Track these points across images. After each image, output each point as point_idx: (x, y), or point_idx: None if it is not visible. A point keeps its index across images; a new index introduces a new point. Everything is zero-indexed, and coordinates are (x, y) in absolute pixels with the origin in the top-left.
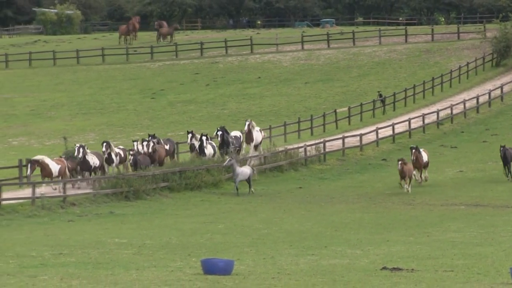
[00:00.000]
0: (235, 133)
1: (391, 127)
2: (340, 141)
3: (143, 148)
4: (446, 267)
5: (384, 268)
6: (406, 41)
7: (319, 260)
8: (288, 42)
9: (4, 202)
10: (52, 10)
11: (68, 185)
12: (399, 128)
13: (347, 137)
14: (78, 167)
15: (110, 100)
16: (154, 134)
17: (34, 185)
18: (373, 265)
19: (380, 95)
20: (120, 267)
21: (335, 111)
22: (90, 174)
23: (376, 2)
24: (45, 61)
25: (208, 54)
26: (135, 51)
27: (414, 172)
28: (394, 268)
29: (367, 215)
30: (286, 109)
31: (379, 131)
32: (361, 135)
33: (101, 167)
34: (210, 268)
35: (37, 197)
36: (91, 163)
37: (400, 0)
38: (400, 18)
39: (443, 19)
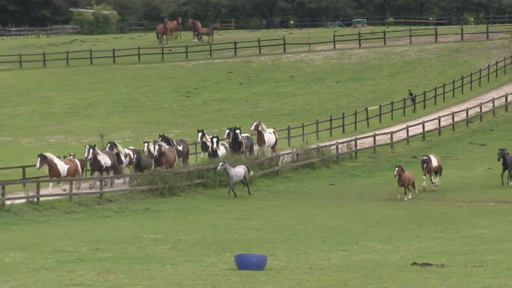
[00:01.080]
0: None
1: (421, 125)
2: (371, 138)
3: (154, 149)
4: (475, 263)
5: (414, 263)
6: (436, 40)
7: (350, 255)
8: (320, 41)
9: (42, 199)
10: (89, 10)
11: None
12: (429, 126)
13: (378, 135)
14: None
15: (145, 98)
16: (163, 134)
17: (72, 181)
18: (404, 261)
19: (411, 94)
20: (156, 262)
21: (366, 109)
22: (101, 174)
23: (406, 3)
24: (82, 60)
25: (242, 54)
26: (170, 50)
27: (423, 177)
28: (424, 264)
29: (397, 212)
30: (318, 108)
31: (410, 129)
32: (391, 133)
33: (114, 167)
34: (244, 263)
35: (75, 194)
36: (102, 163)
37: (430, 0)
38: (430, 18)
39: (472, 19)
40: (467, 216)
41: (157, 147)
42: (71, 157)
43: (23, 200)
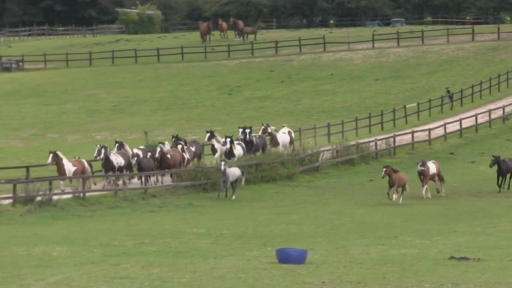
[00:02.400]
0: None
1: (458, 122)
2: (410, 135)
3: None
4: (511, 257)
5: (452, 257)
6: (473, 39)
7: (389, 249)
8: (360, 40)
9: (88, 194)
10: (133, 10)
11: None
12: (466, 123)
13: (416, 131)
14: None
15: (189, 96)
16: (177, 135)
17: (116, 177)
18: (441, 255)
19: (448, 91)
20: (199, 256)
21: (404, 106)
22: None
23: (444, 2)
24: (127, 59)
25: (283, 52)
26: (213, 49)
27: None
28: (461, 258)
29: (435, 207)
30: (357, 105)
31: (447, 126)
32: (429, 130)
33: (128, 166)
34: (285, 257)
35: (120, 189)
36: (115, 162)
37: (467, 0)
38: (467, 18)
39: (508, 18)
40: (503, 212)
41: (158, 149)
42: (78, 158)
43: (70, 195)
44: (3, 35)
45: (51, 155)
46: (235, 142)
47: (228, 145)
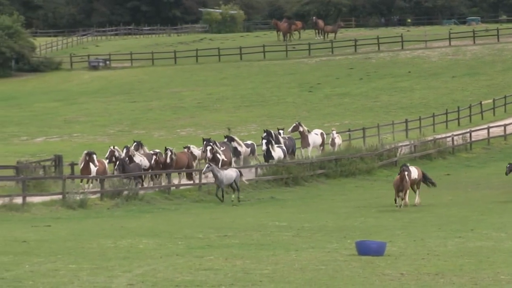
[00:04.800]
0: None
1: None
2: (485, 131)
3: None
4: None
5: None
6: None
7: (465, 242)
8: (436, 38)
9: (173, 188)
10: (217, 10)
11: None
12: None
13: (492, 127)
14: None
15: (270, 93)
16: (209, 139)
17: (200, 172)
18: None
19: None
20: (281, 248)
21: (480, 103)
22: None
23: None
24: (211, 57)
25: (362, 50)
26: (293, 48)
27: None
28: None
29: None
30: (434, 101)
31: None
32: (505, 125)
33: (152, 167)
34: (364, 249)
35: (204, 184)
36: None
37: None
38: None
39: None
40: None
41: (169, 153)
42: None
43: (156, 190)
44: (91, 35)
45: (87, 156)
46: (276, 144)
47: (264, 147)
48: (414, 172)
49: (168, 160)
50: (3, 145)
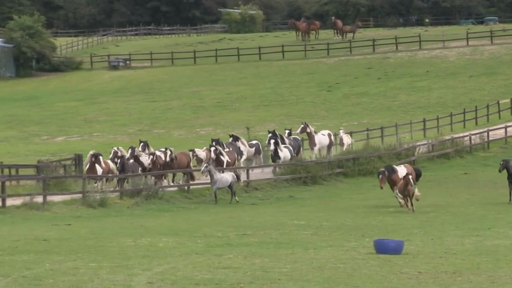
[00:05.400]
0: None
1: None
2: (503, 130)
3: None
4: None
5: None
6: None
7: (483, 240)
8: (454, 38)
9: (192, 187)
10: (236, 11)
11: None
12: None
13: (509, 126)
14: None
15: (289, 93)
16: (218, 139)
17: (221, 171)
18: None
19: None
20: (299, 246)
21: (498, 102)
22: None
23: None
24: (230, 57)
25: (380, 50)
26: (312, 47)
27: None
28: None
29: None
30: (452, 101)
31: None
32: None
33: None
34: (382, 248)
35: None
36: (145, 164)
37: None
38: None
39: None
40: None
41: (168, 152)
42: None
43: (175, 189)
44: (111, 35)
45: (92, 158)
46: (282, 145)
47: (272, 147)
48: (402, 172)
49: (168, 159)
50: (24, 144)
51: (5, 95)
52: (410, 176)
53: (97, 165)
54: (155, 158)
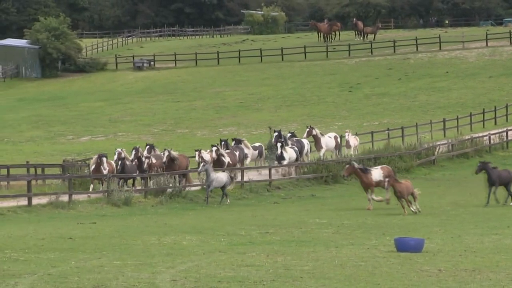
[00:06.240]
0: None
1: None
2: None
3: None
4: None
5: None
6: None
7: (502, 239)
8: (474, 39)
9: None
10: (258, 12)
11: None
12: None
13: None
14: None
15: (311, 93)
16: (226, 140)
17: (242, 170)
18: None
19: None
20: (321, 244)
21: None
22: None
23: None
24: (253, 58)
25: (400, 51)
26: (334, 48)
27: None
28: None
29: None
30: (471, 101)
31: None
32: None
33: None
34: (403, 246)
35: (246, 182)
36: (145, 166)
37: None
38: None
39: None
40: None
41: (166, 153)
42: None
43: (199, 188)
44: (136, 36)
45: (98, 159)
46: (287, 146)
47: (279, 150)
48: (377, 174)
49: (165, 159)
50: (50, 144)
51: (31, 96)
52: (387, 179)
53: (101, 167)
54: (151, 161)
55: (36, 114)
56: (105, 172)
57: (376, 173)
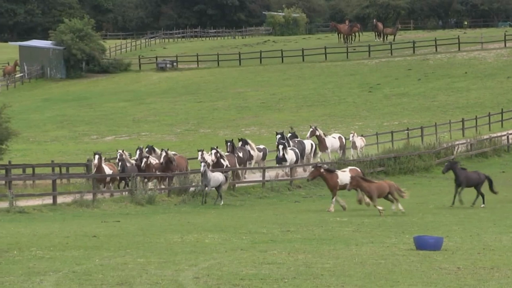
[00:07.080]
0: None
1: None
2: None
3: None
4: None
5: None
6: None
7: None
8: (492, 40)
9: (238, 185)
10: (280, 13)
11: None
12: None
13: None
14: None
15: (331, 93)
16: (231, 140)
17: (264, 169)
18: None
19: None
20: (341, 243)
21: None
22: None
23: None
24: (274, 59)
25: (420, 52)
26: (354, 49)
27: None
28: None
29: None
30: (490, 101)
31: None
32: None
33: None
34: (422, 244)
35: (267, 181)
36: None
37: None
38: None
39: None
40: None
41: (163, 154)
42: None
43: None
44: (159, 37)
45: (96, 156)
46: (288, 147)
47: (281, 152)
48: (344, 176)
49: (162, 160)
50: (75, 144)
51: (56, 96)
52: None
53: (104, 166)
54: (148, 161)
55: (61, 114)
56: (108, 172)
57: (343, 175)
